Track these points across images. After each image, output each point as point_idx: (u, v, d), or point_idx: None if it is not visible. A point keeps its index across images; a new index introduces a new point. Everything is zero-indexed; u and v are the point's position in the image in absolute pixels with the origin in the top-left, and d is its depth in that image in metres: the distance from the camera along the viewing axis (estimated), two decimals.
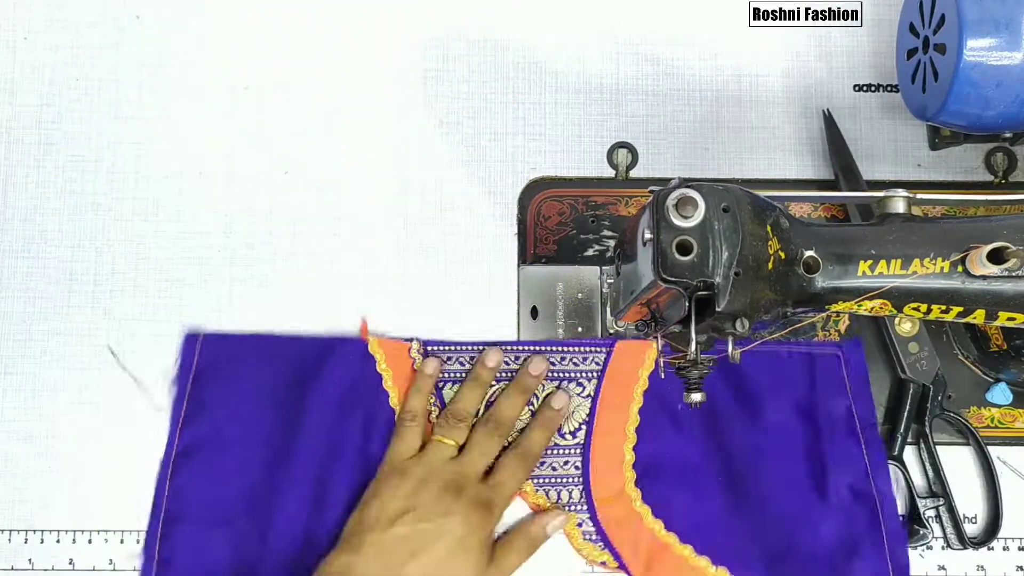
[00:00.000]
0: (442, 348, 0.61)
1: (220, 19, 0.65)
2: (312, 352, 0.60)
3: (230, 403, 0.59)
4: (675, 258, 0.42)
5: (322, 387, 0.59)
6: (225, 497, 0.58)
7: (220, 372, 0.60)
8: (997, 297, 0.45)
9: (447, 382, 0.60)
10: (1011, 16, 0.51)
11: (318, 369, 0.59)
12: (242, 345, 0.60)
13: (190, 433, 0.59)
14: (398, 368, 0.60)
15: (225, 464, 0.58)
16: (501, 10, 0.65)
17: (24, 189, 0.63)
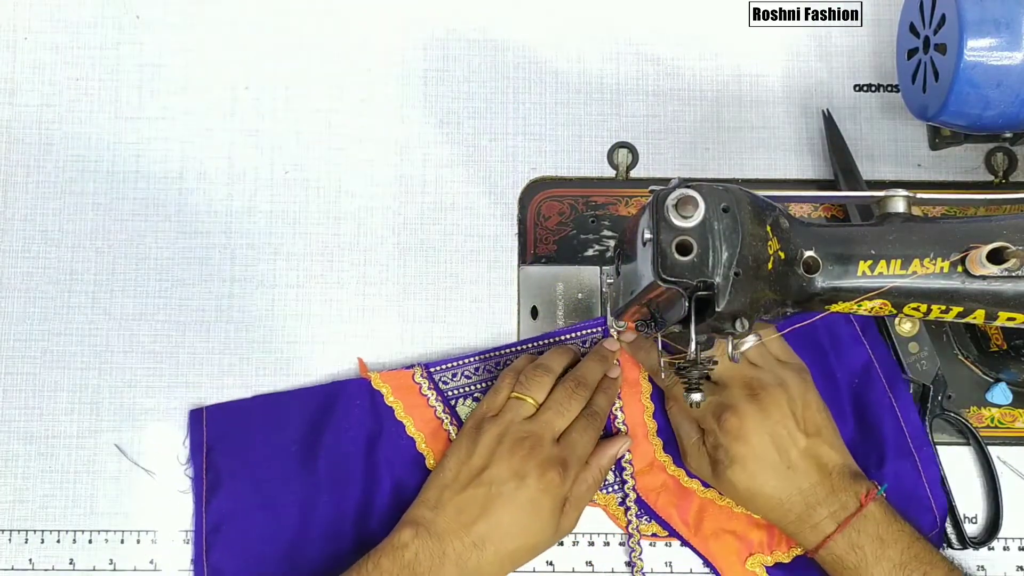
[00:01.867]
0: (445, 367, 0.61)
1: (220, 19, 0.65)
2: (318, 401, 0.60)
3: (249, 469, 0.59)
4: (675, 258, 0.42)
5: (337, 433, 0.59)
6: (264, 563, 0.58)
7: (232, 441, 0.59)
8: (997, 297, 0.45)
9: (458, 398, 0.60)
10: (1011, 16, 0.50)
11: (328, 416, 0.59)
12: (247, 410, 0.60)
13: (215, 508, 0.59)
14: (407, 397, 0.60)
15: (257, 530, 0.58)
16: (501, 10, 0.65)
17: (24, 189, 0.63)
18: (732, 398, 0.54)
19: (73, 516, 0.60)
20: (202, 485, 0.59)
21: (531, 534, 0.53)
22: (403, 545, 0.52)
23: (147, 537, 0.60)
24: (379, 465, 0.59)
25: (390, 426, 0.60)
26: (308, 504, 0.59)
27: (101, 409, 0.61)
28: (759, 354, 0.57)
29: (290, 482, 0.59)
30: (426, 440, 0.60)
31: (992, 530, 0.59)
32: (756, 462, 0.54)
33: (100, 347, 0.61)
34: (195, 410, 0.60)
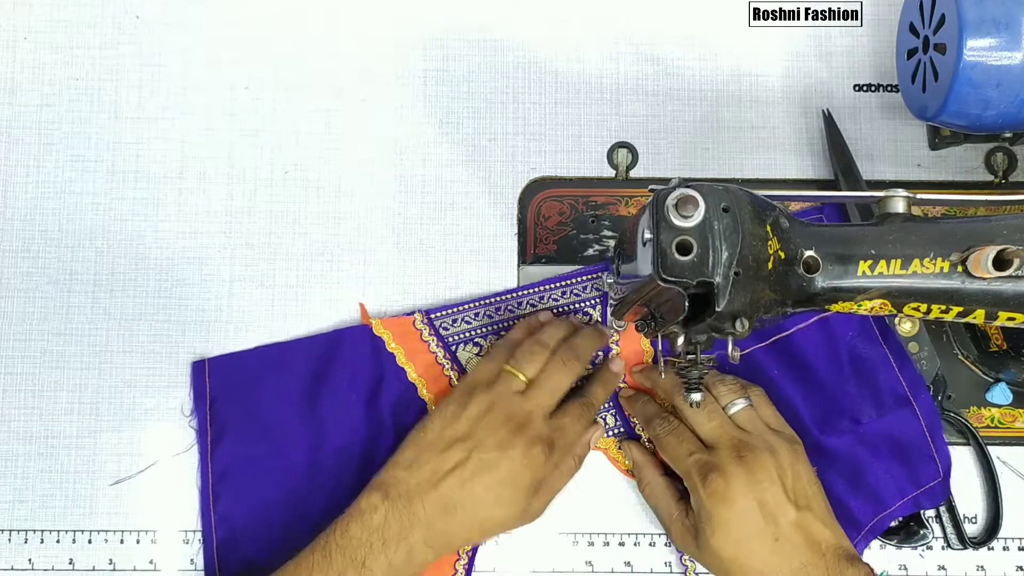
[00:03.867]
0: (445, 312, 0.61)
1: (220, 19, 0.65)
2: (321, 349, 0.60)
3: (252, 418, 0.59)
4: (675, 258, 0.42)
5: (339, 380, 0.60)
6: (270, 511, 0.58)
7: (235, 392, 0.60)
8: (997, 297, 0.45)
9: (459, 344, 0.61)
10: (1011, 16, 0.50)
11: (330, 364, 0.60)
12: (249, 360, 0.61)
13: (220, 458, 0.59)
14: (408, 343, 0.60)
15: (262, 478, 0.59)
16: (501, 10, 0.65)
17: (24, 189, 0.63)
18: (719, 459, 0.53)
19: (73, 516, 0.60)
20: (206, 436, 0.59)
21: (502, 506, 0.53)
22: (372, 508, 0.52)
23: (147, 537, 0.60)
24: (382, 411, 0.59)
25: (392, 372, 0.60)
26: (313, 451, 0.59)
27: (101, 409, 0.61)
28: (749, 419, 0.55)
29: (294, 429, 0.59)
30: (427, 386, 0.60)
31: (992, 530, 0.59)
32: (741, 528, 0.51)
33: (100, 347, 0.61)
34: (197, 362, 0.61)
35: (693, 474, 0.53)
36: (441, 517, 0.52)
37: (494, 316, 0.61)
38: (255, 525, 0.58)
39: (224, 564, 0.58)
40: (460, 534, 0.53)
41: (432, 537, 0.52)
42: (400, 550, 0.51)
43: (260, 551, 0.58)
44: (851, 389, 0.59)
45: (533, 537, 0.60)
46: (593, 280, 0.61)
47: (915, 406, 0.58)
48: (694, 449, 0.54)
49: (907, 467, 0.58)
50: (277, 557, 0.53)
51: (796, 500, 0.52)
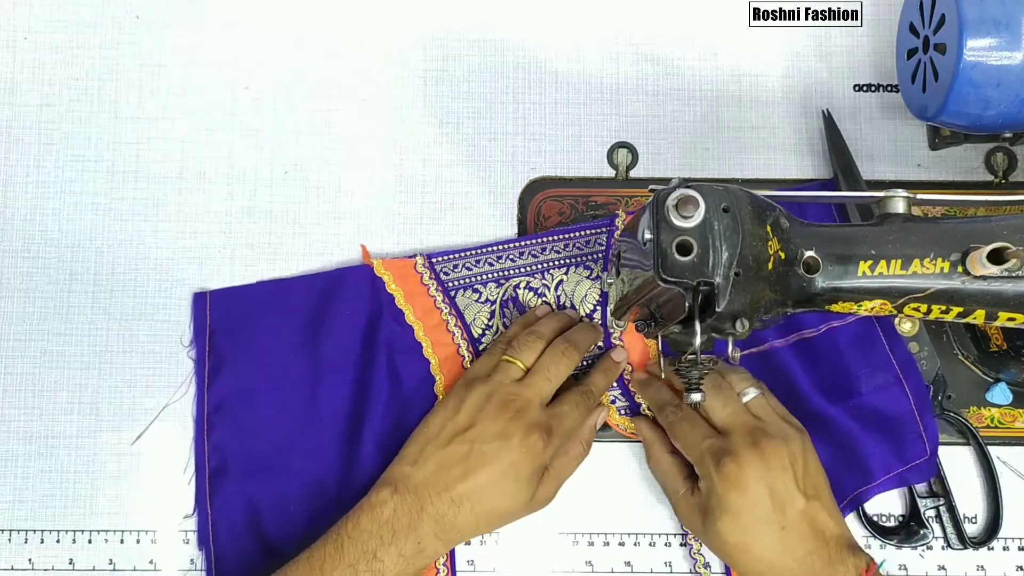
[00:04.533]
0: (447, 258, 0.61)
1: (220, 19, 0.65)
2: (321, 287, 0.61)
3: (250, 352, 0.60)
4: (675, 258, 0.42)
5: (338, 318, 0.60)
6: (264, 442, 0.59)
7: (234, 324, 0.61)
8: (997, 297, 0.45)
9: (458, 289, 0.61)
10: (1011, 16, 0.50)
11: (330, 302, 0.60)
12: (251, 294, 0.61)
13: (218, 389, 0.60)
14: (408, 285, 0.61)
15: (258, 411, 0.59)
16: (501, 10, 0.65)
17: (24, 189, 0.63)
18: (733, 444, 0.53)
19: (73, 516, 0.60)
20: (204, 367, 0.60)
21: (507, 496, 0.53)
22: (382, 503, 0.52)
23: (147, 537, 0.60)
24: (377, 350, 0.60)
25: (390, 313, 0.60)
26: (309, 387, 0.60)
27: (101, 409, 0.61)
28: (763, 407, 0.56)
29: (292, 365, 0.60)
30: (424, 329, 0.60)
31: (992, 530, 0.59)
32: (750, 515, 0.51)
33: (100, 347, 0.61)
34: (199, 293, 0.61)
35: (707, 459, 0.53)
36: (448, 510, 0.52)
37: (495, 264, 0.61)
38: (248, 457, 0.59)
39: (216, 495, 0.59)
40: (468, 526, 0.53)
41: (441, 530, 0.52)
42: (410, 542, 0.52)
43: (251, 483, 0.59)
44: (843, 364, 0.59)
45: (533, 537, 0.60)
46: (596, 235, 0.61)
47: (905, 385, 0.59)
48: (707, 435, 0.54)
49: (894, 443, 0.58)
50: (267, 490, 0.57)
51: (805, 489, 0.52)
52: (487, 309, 0.61)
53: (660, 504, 0.60)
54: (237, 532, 0.58)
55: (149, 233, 0.63)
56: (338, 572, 0.51)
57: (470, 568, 0.60)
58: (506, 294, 0.61)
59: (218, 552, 0.58)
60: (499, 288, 0.61)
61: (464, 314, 0.61)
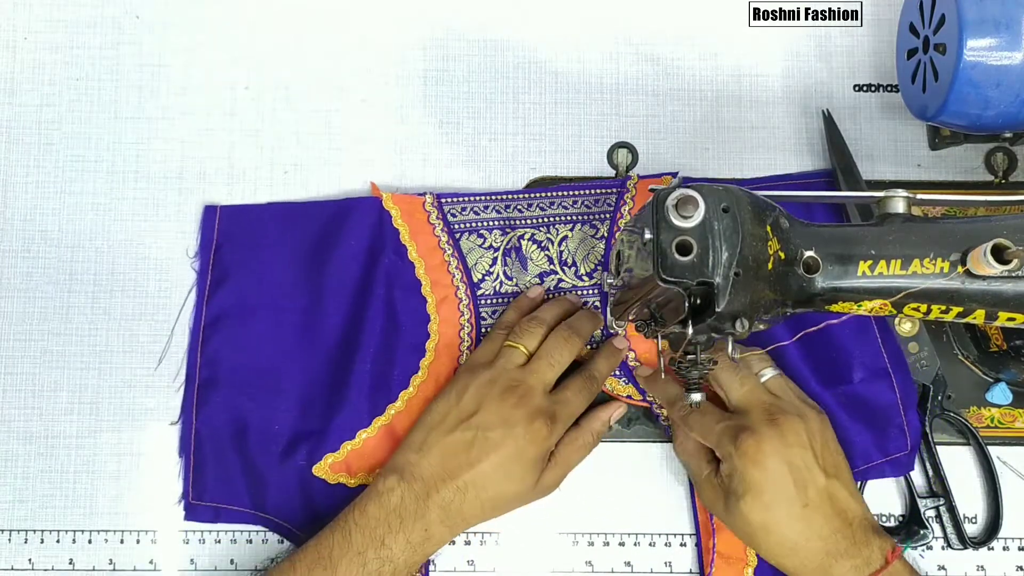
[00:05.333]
0: (456, 199, 0.62)
1: (220, 19, 0.65)
2: (329, 214, 0.61)
3: (253, 269, 0.61)
4: (675, 258, 0.42)
5: (342, 246, 0.61)
6: (256, 360, 0.60)
7: (241, 241, 0.61)
8: (997, 297, 0.45)
9: (463, 232, 0.61)
10: (1011, 16, 0.50)
11: (337, 230, 0.61)
12: (260, 214, 0.62)
13: (217, 302, 0.61)
14: (414, 222, 0.61)
15: (253, 329, 0.60)
16: (501, 10, 0.65)
17: (24, 189, 0.63)
18: (751, 421, 0.53)
19: (73, 516, 0.60)
20: (206, 280, 0.61)
21: (512, 482, 0.53)
22: (388, 490, 0.53)
23: (147, 537, 0.60)
24: (376, 282, 0.60)
25: (393, 247, 0.61)
26: (306, 311, 0.60)
27: (101, 409, 0.61)
28: (780, 387, 0.56)
29: (292, 287, 0.61)
30: (425, 268, 0.61)
31: (992, 530, 0.59)
32: (772, 492, 0.51)
33: (100, 347, 0.61)
34: (210, 207, 0.62)
35: (724, 439, 0.53)
36: (454, 497, 0.53)
37: (502, 212, 0.62)
38: (239, 372, 0.60)
39: (203, 406, 0.59)
40: (474, 512, 0.53)
41: (447, 517, 0.53)
42: (417, 529, 0.52)
43: (239, 398, 0.59)
44: (835, 352, 0.59)
45: (533, 537, 0.60)
46: (606, 195, 0.62)
47: (893, 379, 0.59)
48: (722, 418, 0.54)
49: (877, 435, 0.58)
50: (254, 407, 0.58)
51: (825, 467, 0.52)
52: (490, 255, 0.61)
53: (660, 504, 0.60)
54: (219, 444, 0.59)
55: (149, 233, 0.63)
56: (346, 560, 0.51)
57: (470, 568, 0.60)
58: (510, 243, 0.61)
59: (198, 461, 0.59)
60: (504, 236, 0.61)
61: (466, 257, 0.61)
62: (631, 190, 0.61)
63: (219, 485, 0.59)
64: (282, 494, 0.59)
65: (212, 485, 0.59)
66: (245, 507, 0.58)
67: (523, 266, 0.61)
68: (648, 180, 0.62)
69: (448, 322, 0.60)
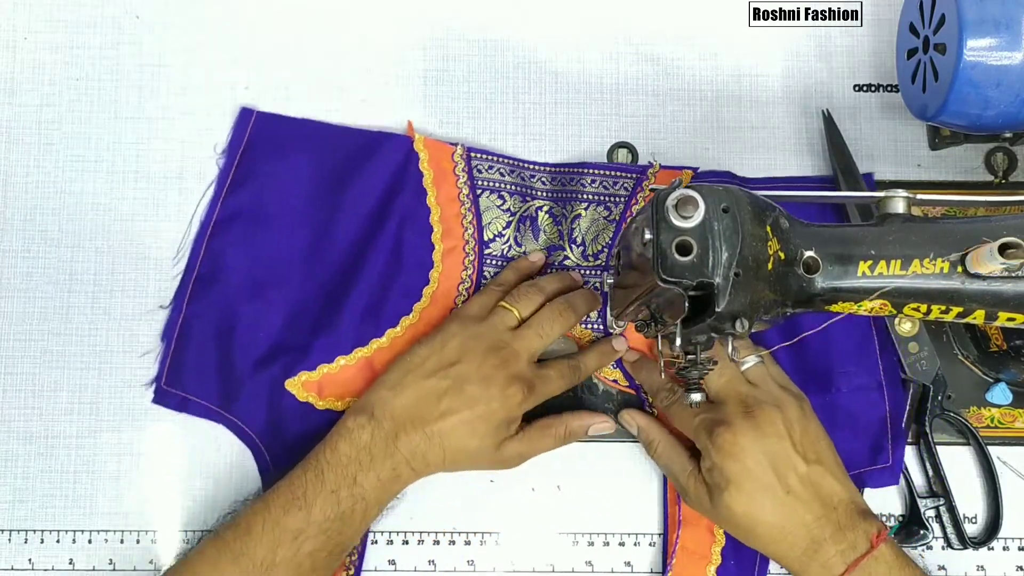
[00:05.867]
0: (485, 156, 0.62)
1: (220, 19, 0.65)
2: (360, 143, 0.62)
3: (275, 179, 0.61)
4: (675, 258, 0.42)
5: (365, 176, 0.61)
6: (257, 266, 0.60)
7: (270, 148, 0.62)
8: (997, 297, 0.45)
9: (485, 191, 0.62)
10: (1011, 16, 0.50)
11: (363, 159, 0.62)
12: (295, 126, 0.62)
13: (233, 201, 0.61)
14: (439, 170, 0.62)
15: (261, 235, 0.61)
16: (501, 10, 0.65)
17: (24, 189, 0.63)
18: (726, 414, 0.53)
19: (73, 516, 0.60)
20: (227, 178, 0.61)
21: (474, 438, 0.54)
22: (359, 427, 0.53)
23: (147, 537, 0.60)
24: (389, 219, 0.61)
25: (413, 188, 0.61)
26: (316, 230, 0.61)
27: (101, 409, 0.61)
28: (758, 375, 0.56)
29: (308, 204, 0.61)
30: (440, 216, 0.61)
31: (992, 530, 0.59)
32: (752, 482, 0.51)
33: (100, 347, 0.61)
34: (247, 109, 0.63)
35: (702, 432, 0.53)
36: (420, 442, 0.53)
37: (525, 180, 0.62)
38: (238, 273, 0.60)
39: (195, 297, 0.60)
40: (434, 460, 0.54)
41: (413, 459, 0.53)
42: (386, 466, 0.53)
43: (232, 298, 0.60)
44: (831, 357, 0.60)
45: (533, 537, 0.60)
46: (625, 179, 0.62)
47: (885, 392, 0.59)
48: (700, 410, 0.54)
49: (860, 444, 0.59)
50: (244, 310, 0.59)
51: (805, 454, 0.52)
52: (505, 218, 0.62)
53: (660, 504, 0.60)
54: (202, 338, 0.60)
55: (149, 233, 0.63)
56: (321, 499, 0.51)
57: (470, 568, 0.60)
58: (527, 211, 0.62)
59: (178, 348, 0.60)
60: (523, 203, 0.62)
61: (482, 215, 0.61)
62: (650, 178, 0.62)
63: (193, 377, 0.60)
64: (251, 400, 0.59)
65: (186, 375, 0.60)
66: (212, 404, 0.59)
67: (534, 236, 0.61)
68: (669, 171, 0.62)
69: (450, 273, 0.61)
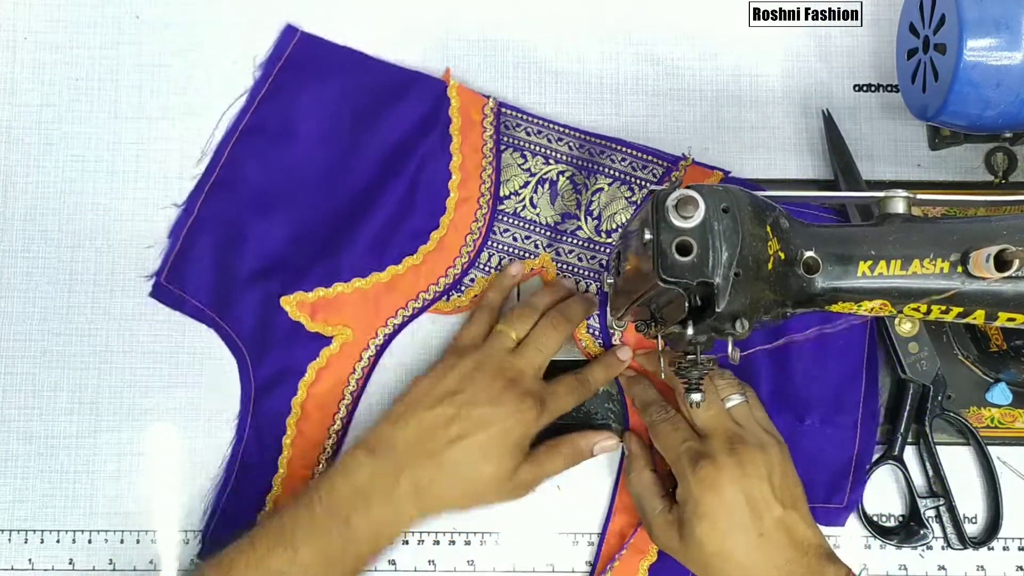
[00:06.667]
0: (515, 114, 0.63)
1: (220, 19, 0.65)
2: (395, 79, 0.63)
3: (307, 99, 0.62)
4: (675, 258, 0.42)
5: (395, 112, 0.62)
6: (273, 181, 0.61)
7: (307, 69, 0.63)
8: (997, 297, 0.45)
9: (508, 147, 0.62)
10: (1011, 16, 0.50)
11: (396, 95, 0.62)
12: (335, 52, 0.63)
13: (261, 114, 0.62)
14: (467, 119, 0.62)
15: (284, 151, 0.62)
16: (501, 10, 0.65)
17: (24, 189, 0.63)
18: (711, 448, 0.53)
19: (73, 516, 0.60)
20: (261, 90, 0.62)
21: (490, 464, 0.53)
22: (358, 465, 0.52)
23: (147, 537, 0.60)
24: (411, 157, 0.61)
25: (439, 132, 0.62)
26: (338, 157, 0.61)
27: (101, 409, 0.61)
28: (744, 415, 0.56)
29: (334, 130, 0.62)
30: (461, 164, 0.62)
31: (992, 530, 0.59)
32: (727, 519, 0.51)
33: (100, 347, 0.61)
34: (292, 27, 0.63)
35: (684, 461, 0.53)
36: (428, 475, 0.52)
37: (552, 143, 0.62)
38: (253, 184, 0.61)
39: (208, 199, 0.61)
40: (447, 495, 0.52)
41: (419, 496, 0.52)
42: (385, 509, 0.51)
43: (244, 207, 0.61)
44: (812, 387, 0.60)
45: (533, 537, 0.60)
46: (655, 165, 0.62)
47: (858, 433, 0.59)
48: (688, 437, 0.54)
49: (819, 479, 0.59)
50: (254, 222, 0.60)
51: (782, 499, 0.52)
52: (524, 177, 0.62)
53: None
54: (209, 241, 0.61)
55: (149, 233, 0.63)
56: (310, 539, 0.50)
57: (470, 568, 0.60)
58: (547, 174, 0.62)
59: (183, 247, 0.61)
60: (545, 165, 0.62)
61: (502, 171, 0.62)
62: (681, 171, 0.62)
63: (192, 277, 0.61)
64: (244, 309, 0.60)
65: (186, 274, 0.61)
66: (207, 306, 0.60)
67: (551, 199, 0.62)
68: (699, 168, 0.62)
69: (460, 222, 0.61)
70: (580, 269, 0.62)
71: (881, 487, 0.60)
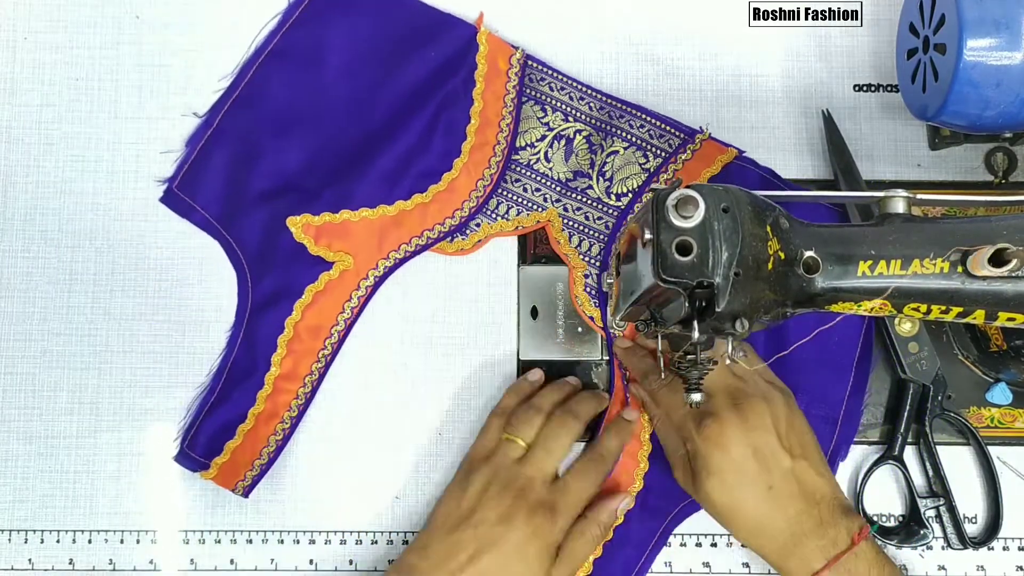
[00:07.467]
0: (541, 68, 0.63)
1: (220, 19, 0.65)
2: (426, 21, 0.63)
3: (338, 29, 0.63)
4: (675, 258, 0.42)
5: (422, 52, 0.62)
6: (296, 103, 0.62)
7: (336, 5, 0.63)
8: (997, 297, 0.45)
9: (530, 99, 0.63)
10: (1011, 16, 0.50)
11: (425, 36, 0.63)
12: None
13: (291, 37, 0.63)
14: (493, 66, 0.63)
15: (308, 76, 0.62)
16: (501, 10, 0.65)
17: (24, 189, 0.63)
18: (714, 405, 0.53)
19: (73, 516, 0.60)
20: (291, 16, 0.63)
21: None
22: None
23: (147, 537, 0.60)
24: (432, 98, 0.62)
25: (463, 76, 0.62)
26: (365, 89, 0.62)
27: (101, 409, 0.61)
28: (744, 369, 0.56)
29: (360, 63, 0.62)
30: (481, 111, 0.62)
31: (992, 530, 0.59)
32: (735, 475, 0.51)
33: (100, 347, 0.61)
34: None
35: (688, 421, 0.53)
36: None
37: (574, 100, 0.63)
38: (275, 106, 0.62)
39: (227, 117, 0.62)
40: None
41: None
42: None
43: (261, 128, 0.62)
44: (800, 376, 0.59)
45: None
46: (672, 136, 0.62)
47: (837, 430, 0.59)
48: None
49: None
50: (269, 143, 0.61)
51: (791, 448, 0.52)
52: (541, 131, 0.62)
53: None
54: (225, 154, 0.62)
55: (149, 233, 0.63)
56: None
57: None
58: (564, 131, 0.62)
59: (200, 157, 0.62)
60: (564, 122, 0.62)
61: (520, 123, 0.62)
62: (696, 144, 0.62)
63: (204, 187, 0.61)
64: (252, 225, 0.61)
65: (199, 184, 0.61)
66: (215, 218, 0.61)
67: (565, 156, 0.62)
68: (715, 144, 0.62)
69: (472, 167, 0.62)
70: (586, 228, 0.62)
71: (881, 487, 0.60)
